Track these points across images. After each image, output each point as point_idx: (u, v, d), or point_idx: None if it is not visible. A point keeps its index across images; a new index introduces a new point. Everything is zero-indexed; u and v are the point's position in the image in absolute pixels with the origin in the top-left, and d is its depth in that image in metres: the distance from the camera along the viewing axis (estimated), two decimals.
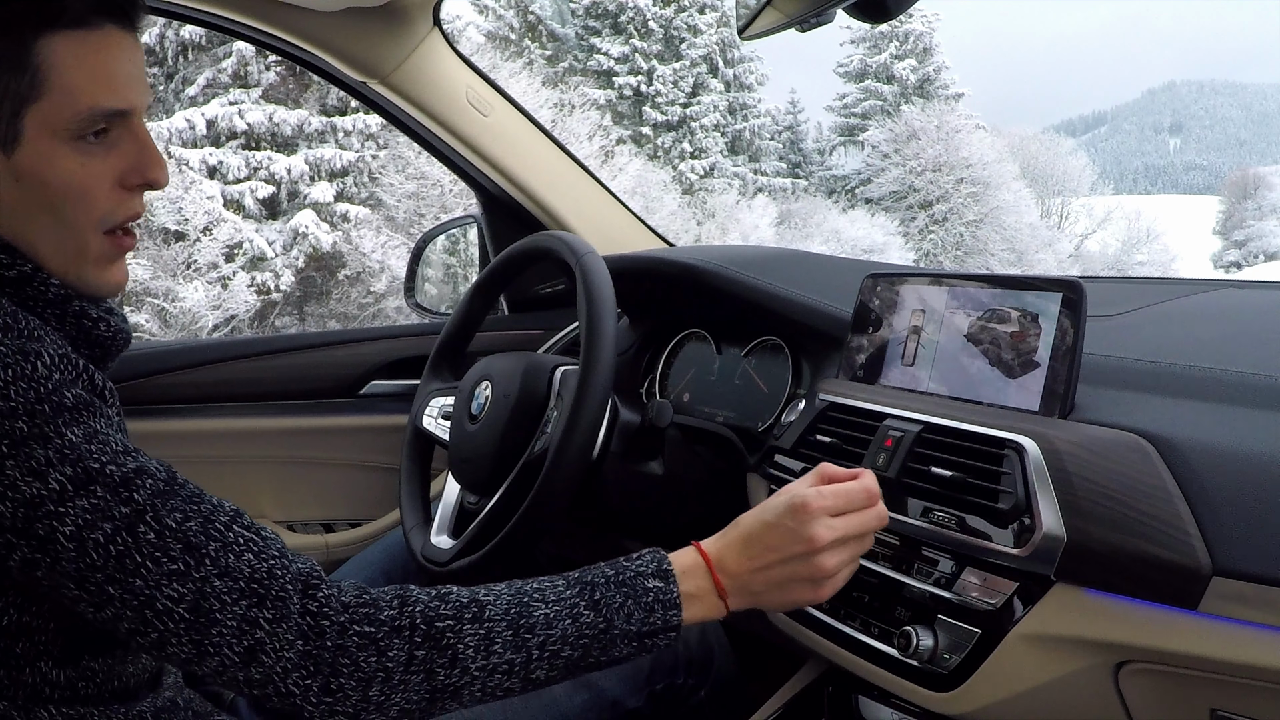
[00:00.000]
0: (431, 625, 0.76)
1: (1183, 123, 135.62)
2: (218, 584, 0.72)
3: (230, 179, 14.95)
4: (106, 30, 0.78)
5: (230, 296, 13.58)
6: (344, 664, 0.73)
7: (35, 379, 0.71)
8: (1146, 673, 0.80)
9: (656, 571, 0.83)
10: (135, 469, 0.73)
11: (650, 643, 0.82)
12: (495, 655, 0.77)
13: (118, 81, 0.78)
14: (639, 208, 3.12)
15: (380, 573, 1.35)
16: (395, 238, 14.84)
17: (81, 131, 0.77)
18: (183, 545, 0.72)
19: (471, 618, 0.77)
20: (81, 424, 0.72)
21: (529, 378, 1.18)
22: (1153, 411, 0.85)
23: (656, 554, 0.85)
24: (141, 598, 0.71)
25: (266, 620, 0.72)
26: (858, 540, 0.86)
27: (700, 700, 1.15)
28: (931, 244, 25.51)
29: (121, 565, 0.70)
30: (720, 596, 0.84)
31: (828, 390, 1.10)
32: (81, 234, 0.80)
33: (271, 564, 0.75)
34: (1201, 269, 38.64)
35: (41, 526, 0.69)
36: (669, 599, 0.82)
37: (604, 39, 25.61)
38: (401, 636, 0.75)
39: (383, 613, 0.76)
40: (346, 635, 0.74)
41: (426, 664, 0.75)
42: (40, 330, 0.75)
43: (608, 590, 0.81)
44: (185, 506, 0.74)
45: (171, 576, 0.71)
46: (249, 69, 15.48)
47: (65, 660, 0.78)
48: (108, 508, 0.71)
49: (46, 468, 0.70)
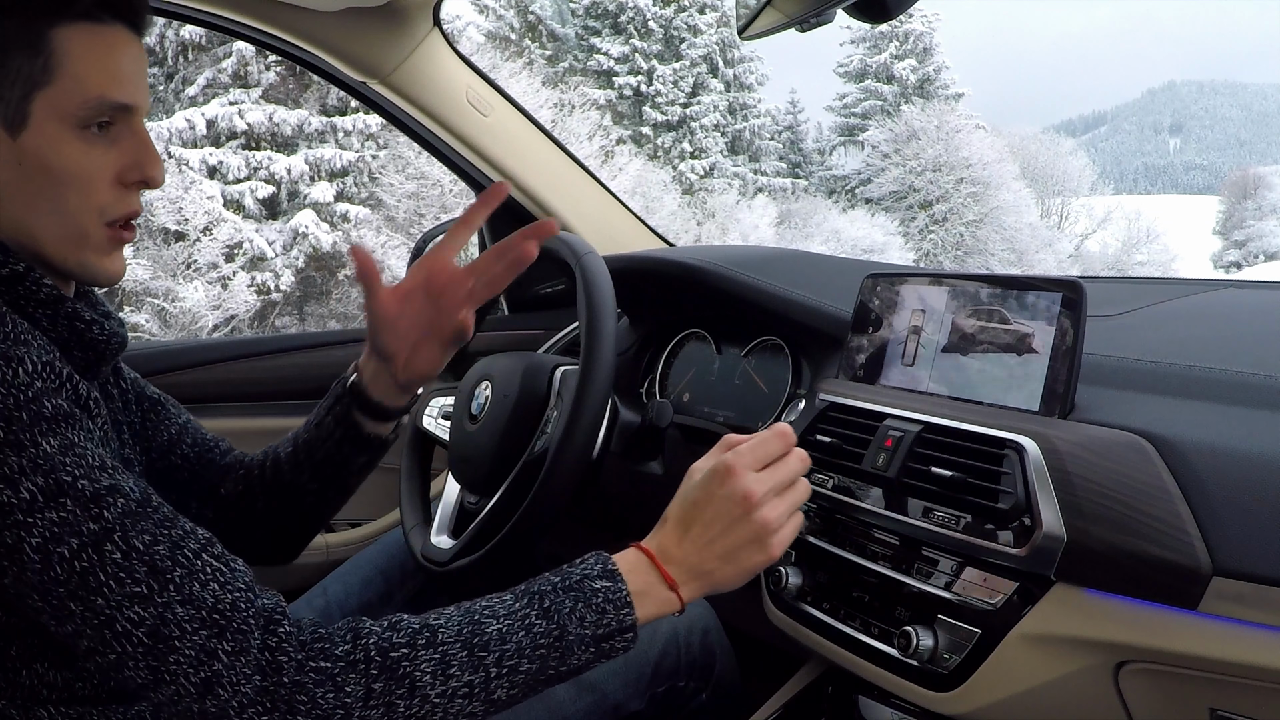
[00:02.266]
0: (386, 656, 0.74)
1: (1183, 123, 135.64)
2: (179, 611, 0.71)
3: (230, 179, 14.95)
4: (115, 28, 0.81)
5: (230, 296, 13.58)
6: (301, 701, 0.72)
7: (16, 385, 0.71)
8: (1146, 673, 0.80)
9: (602, 572, 0.81)
10: (108, 486, 0.72)
11: (608, 646, 0.80)
12: (453, 679, 0.75)
13: (124, 76, 0.81)
14: (639, 208, 3.12)
15: (378, 572, 1.35)
16: (395, 238, 14.84)
17: (87, 121, 0.79)
18: (148, 568, 0.71)
19: (425, 643, 0.76)
20: (58, 435, 0.71)
21: (529, 378, 1.18)
22: (1153, 411, 0.85)
23: (600, 555, 0.84)
24: (102, 617, 0.70)
25: (225, 653, 0.71)
26: (791, 489, 0.85)
27: (702, 703, 1.15)
28: (931, 244, 25.52)
29: (84, 582, 0.69)
30: (671, 589, 0.82)
31: (828, 390, 1.10)
32: (81, 222, 0.81)
33: (236, 596, 0.73)
34: (1201, 269, 38.64)
35: (9, 535, 0.69)
36: (619, 598, 0.80)
37: (604, 39, 25.63)
38: (357, 670, 0.73)
39: (337, 648, 0.74)
40: (304, 671, 0.72)
41: (385, 696, 0.73)
42: (28, 334, 0.75)
43: (556, 597, 0.80)
44: (155, 529, 0.73)
45: (134, 599, 0.70)
46: (249, 69, 15.48)
47: (62, 662, 0.78)
48: (76, 522, 0.70)
49: (19, 475, 0.69)
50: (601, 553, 0.84)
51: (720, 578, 0.83)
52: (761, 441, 0.85)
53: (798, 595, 1.04)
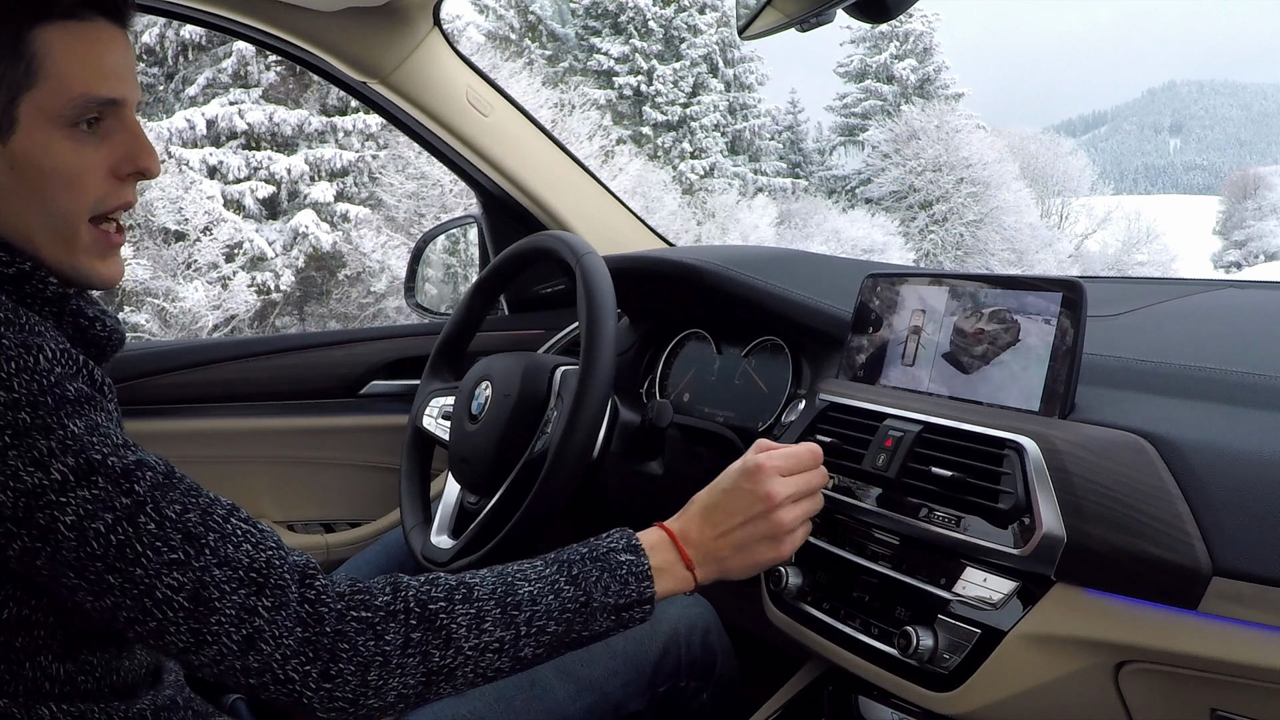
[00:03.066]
0: (425, 608, 0.79)
1: (1183, 123, 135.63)
2: (217, 573, 0.73)
3: (230, 179, 14.94)
4: (97, 23, 0.81)
5: (230, 296, 13.57)
6: (343, 649, 0.75)
7: (38, 371, 0.72)
8: (1147, 673, 0.80)
9: (626, 546, 0.87)
10: (136, 461, 0.74)
11: (627, 615, 0.86)
12: (486, 633, 0.80)
13: (108, 71, 0.81)
14: (639, 208, 3.12)
15: (378, 572, 1.34)
16: (395, 238, 14.84)
17: (75, 119, 0.79)
18: (183, 535, 0.73)
19: (462, 598, 0.80)
20: (83, 416, 0.73)
21: (529, 378, 1.18)
22: (1153, 411, 0.85)
23: (625, 531, 0.89)
24: (141, 586, 0.72)
25: (265, 609, 0.74)
26: (810, 498, 0.93)
27: (703, 703, 1.15)
28: (931, 244, 25.51)
29: (122, 554, 0.71)
30: (688, 568, 0.89)
31: (828, 390, 1.10)
32: (72, 222, 0.81)
33: (270, 554, 0.76)
34: (1201, 269, 38.64)
35: (42, 516, 0.70)
36: (641, 570, 0.86)
37: (604, 39, 25.61)
38: (397, 620, 0.77)
39: (377, 599, 0.78)
40: (345, 621, 0.76)
41: (422, 646, 0.78)
42: (40, 325, 0.76)
43: (584, 565, 0.85)
44: (184, 499, 0.75)
45: (171, 566, 0.72)
46: (249, 69, 15.47)
47: (65, 654, 0.79)
48: (109, 498, 0.72)
49: (49, 458, 0.71)
50: (626, 529, 0.90)
51: (732, 565, 0.90)
52: (794, 452, 0.93)
53: (798, 595, 1.04)
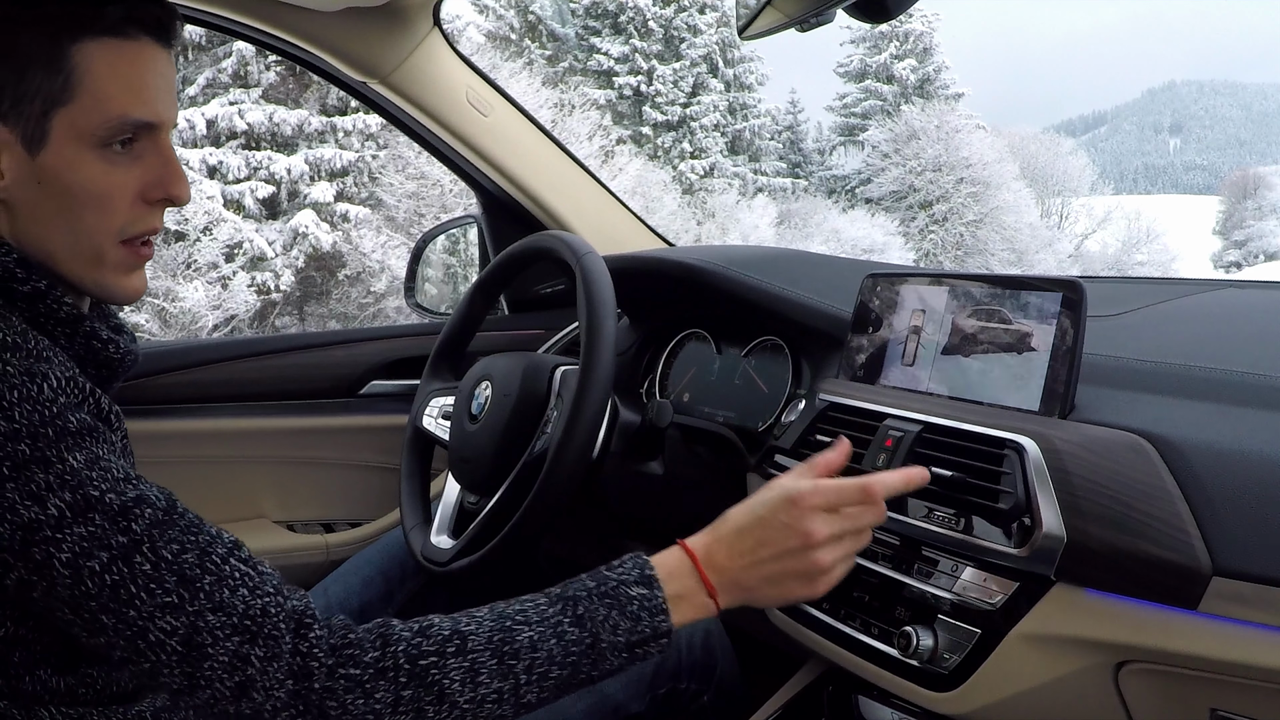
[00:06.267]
0: (415, 664, 0.75)
1: (1183, 123, 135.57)
2: (211, 619, 0.71)
3: (230, 179, 14.94)
4: (141, 42, 0.79)
5: (230, 296, 13.57)
6: (331, 707, 0.72)
7: (41, 401, 0.71)
8: (1147, 673, 0.80)
9: (640, 579, 0.80)
10: (135, 498, 0.72)
11: (642, 651, 0.80)
12: (483, 685, 0.76)
13: (148, 93, 0.79)
14: (639, 208, 3.12)
15: (378, 572, 1.35)
16: (395, 238, 14.83)
17: (108, 139, 0.77)
18: (178, 578, 0.71)
19: (455, 650, 0.76)
20: (84, 449, 0.71)
21: (529, 378, 1.18)
22: (1153, 411, 0.85)
23: (638, 560, 0.82)
24: (134, 628, 0.70)
25: (258, 658, 0.72)
26: (854, 536, 0.84)
27: (703, 705, 1.15)
28: (931, 244, 25.50)
29: (116, 595, 0.70)
30: (710, 595, 0.82)
31: (828, 390, 1.10)
32: (98, 242, 0.79)
33: (266, 601, 0.74)
34: (1201, 269, 38.63)
35: (38, 551, 0.69)
36: (655, 605, 0.80)
37: (604, 39, 25.61)
38: (386, 678, 0.74)
39: (366, 655, 0.74)
40: (334, 678, 0.73)
41: (414, 703, 0.74)
42: (49, 351, 0.74)
43: (590, 604, 0.79)
44: (183, 538, 0.73)
45: (165, 609, 0.70)
46: (249, 69, 15.47)
47: (64, 668, 0.78)
48: (105, 536, 0.70)
49: (46, 492, 0.69)
50: (640, 555, 0.83)
51: (759, 596, 0.84)
52: (842, 488, 0.84)
53: None
